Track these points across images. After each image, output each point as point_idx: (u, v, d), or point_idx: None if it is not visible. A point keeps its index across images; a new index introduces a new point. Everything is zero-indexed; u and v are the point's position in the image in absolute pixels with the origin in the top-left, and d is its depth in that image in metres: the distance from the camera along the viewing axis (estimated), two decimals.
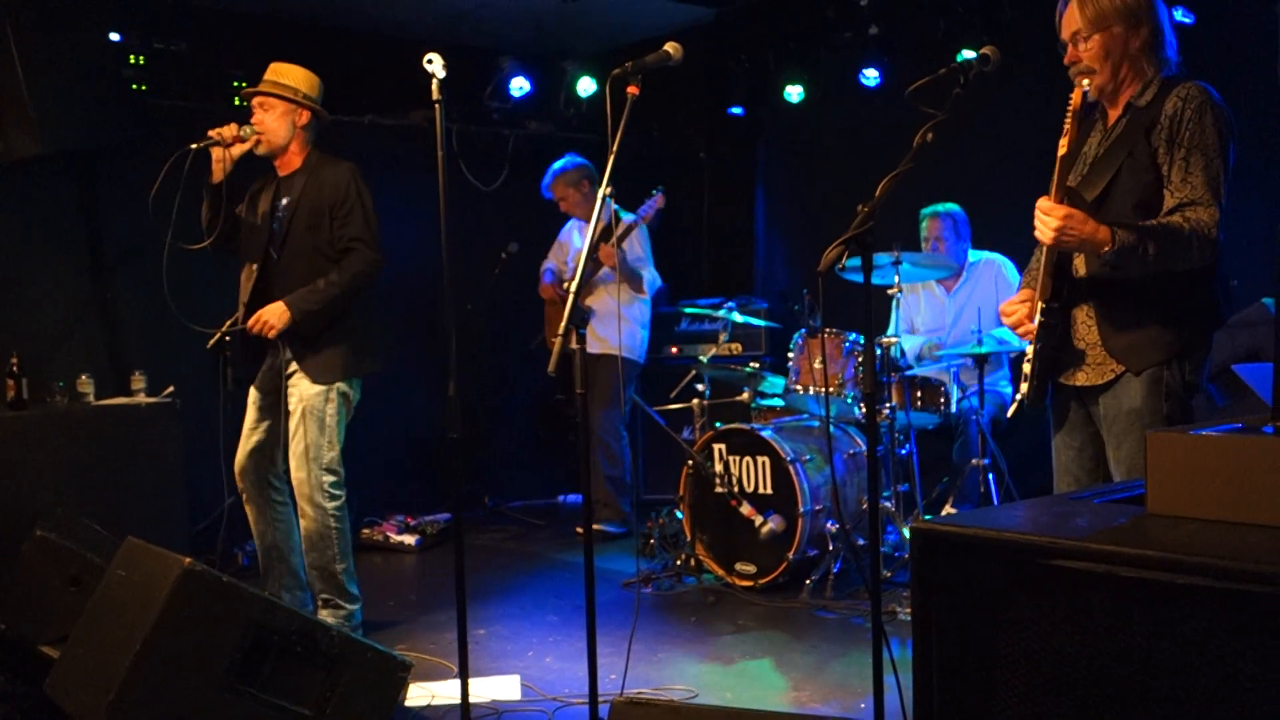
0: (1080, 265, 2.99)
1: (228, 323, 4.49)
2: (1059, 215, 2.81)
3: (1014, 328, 3.13)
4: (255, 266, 4.44)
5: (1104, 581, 1.68)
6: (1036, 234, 2.90)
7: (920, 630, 1.92)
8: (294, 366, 4.40)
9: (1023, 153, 5.68)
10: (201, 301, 4.53)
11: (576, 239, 6.63)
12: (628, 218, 6.28)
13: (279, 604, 3.27)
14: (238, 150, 4.37)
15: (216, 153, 4.33)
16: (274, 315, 4.29)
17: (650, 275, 6.36)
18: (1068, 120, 2.95)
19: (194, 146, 4.23)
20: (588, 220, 6.46)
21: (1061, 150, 2.95)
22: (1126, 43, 2.96)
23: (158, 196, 4.04)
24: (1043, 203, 2.88)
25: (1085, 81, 2.98)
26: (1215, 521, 1.79)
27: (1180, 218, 2.83)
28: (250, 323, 4.32)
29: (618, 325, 6.19)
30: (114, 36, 5.60)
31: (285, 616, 3.19)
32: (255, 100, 4.44)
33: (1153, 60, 2.99)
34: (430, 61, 3.25)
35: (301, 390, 4.39)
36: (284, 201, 4.43)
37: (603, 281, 6.35)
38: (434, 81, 3.27)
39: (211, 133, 4.30)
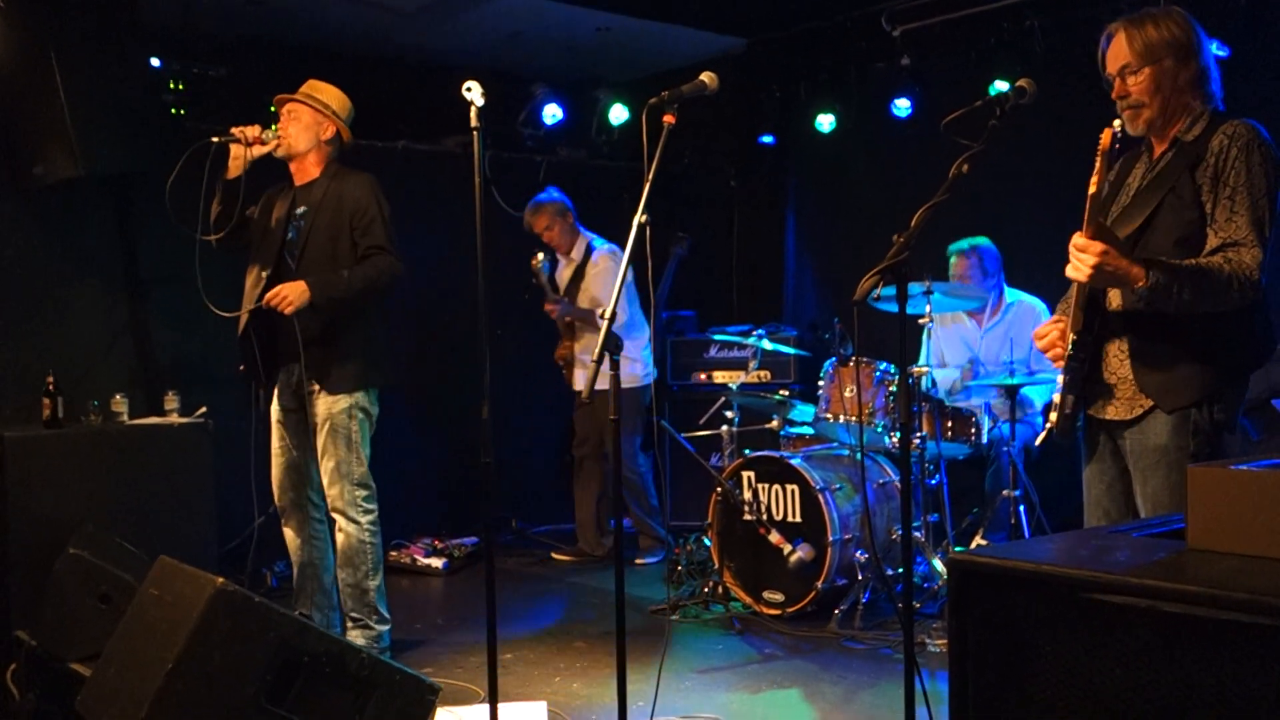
0: (1114, 298, 2.96)
1: (243, 315, 4.45)
2: (1095, 251, 2.77)
3: (1046, 350, 3.09)
4: (266, 272, 4.41)
5: (1144, 616, 1.67)
6: (1070, 271, 2.85)
7: (956, 663, 1.91)
8: (311, 381, 4.39)
9: (1054, 185, 5.68)
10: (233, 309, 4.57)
11: None
12: (601, 247, 6.29)
13: (310, 625, 3.28)
14: (257, 151, 4.40)
15: (236, 150, 4.38)
16: (294, 291, 4.23)
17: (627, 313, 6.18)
18: (1098, 160, 2.92)
19: (215, 140, 4.29)
20: (565, 253, 6.46)
21: (1092, 189, 2.91)
22: (1176, 76, 2.93)
23: (174, 188, 4.11)
24: (1078, 239, 2.84)
25: (1117, 123, 2.96)
26: (1256, 557, 1.77)
27: (1221, 258, 2.79)
28: (269, 295, 4.25)
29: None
30: (154, 62, 5.69)
31: (315, 638, 3.20)
32: (285, 108, 4.52)
33: (1199, 94, 2.96)
34: (469, 90, 3.27)
35: (323, 406, 4.39)
36: (301, 210, 4.45)
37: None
38: (472, 109, 3.29)
39: (234, 130, 4.36)
